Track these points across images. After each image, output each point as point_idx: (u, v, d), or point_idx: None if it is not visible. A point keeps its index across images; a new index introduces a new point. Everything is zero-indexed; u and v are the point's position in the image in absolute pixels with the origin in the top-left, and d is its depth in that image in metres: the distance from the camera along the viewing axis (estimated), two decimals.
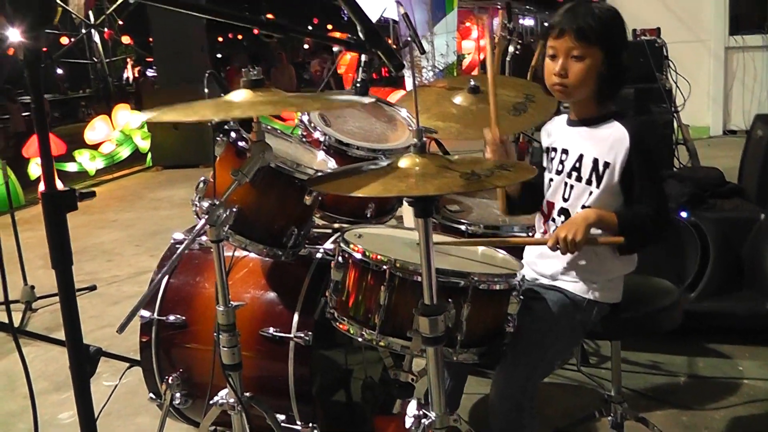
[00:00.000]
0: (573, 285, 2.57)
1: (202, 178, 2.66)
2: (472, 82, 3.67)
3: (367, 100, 2.34)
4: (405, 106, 3.58)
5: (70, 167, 11.57)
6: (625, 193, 2.50)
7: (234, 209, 2.34)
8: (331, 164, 2.92)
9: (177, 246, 3.11)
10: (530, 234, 2.94)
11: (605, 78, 2.50)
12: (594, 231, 2.44)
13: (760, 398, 3.60)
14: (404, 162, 2.02)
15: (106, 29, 25.30)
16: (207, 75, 2.44)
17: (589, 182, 2.53)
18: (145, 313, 2.99)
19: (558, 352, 2.69)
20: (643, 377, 3.84)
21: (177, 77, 12.35)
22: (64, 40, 24.29)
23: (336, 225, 3.20)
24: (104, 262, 6.98)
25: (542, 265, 2.66)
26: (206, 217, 2.21)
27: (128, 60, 29.64)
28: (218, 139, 2.66)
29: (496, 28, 5.35)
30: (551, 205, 2.66)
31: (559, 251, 2.42)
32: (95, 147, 12.25)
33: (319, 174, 2.55)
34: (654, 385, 3.78)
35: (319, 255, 2.91)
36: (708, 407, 3.54)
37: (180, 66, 12.53)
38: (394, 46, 3.65)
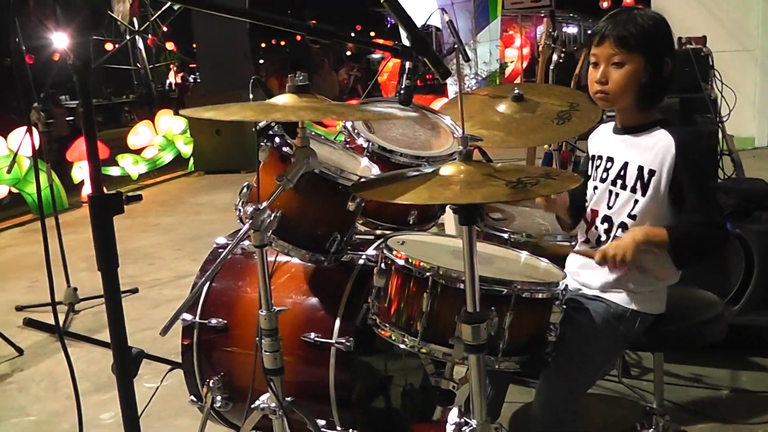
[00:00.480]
0: (616, 296, 2.55)
1: (246, 183, 2.67)
2: (517, 91, 3.66)
3: (410, 113, 2.32)
4: (449, 114, 3.58)
5: (113, 171, 11.72)
6: (674, 203, 2.47)
7: (277, 214, 2.36)
8: (375, 170, 2.93)
9: (220, 250, 3.13)
10: (573, 243, 2.92)
11: (647, 85, 2.49)
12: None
13: None
14: (449, 169, 2.02)
15: (149, 35, 25.61)
16: (252, 80, 2.45)
17: (633, 190, 2.51)
18: (187, 317, 3.01)
19: (601, 364, 2.67)
20: (685, 390, 3.79)
21: (220, 83, 12.45)
22: (108, 47, 24.64)
23: (378, 231, 3.21)
24: (146, 265, 7.05)
25: (585, 275, 2.64)
26: (250, 221, 2.22)
27: (171, 66, 29.96)
28: (262, 144, 2.67)
29: (540, 36, 5.32)
30: (595, 213, 2.64)
31: (606, 267, 2.42)
32: (138, 152, 12.39)
33: (364, 180, 2.56)
34: (696, 399, 3.72)
35: (361, 261, 2.91)
36: (751, 421, 3.49)
37: (223, 72, 12.62)
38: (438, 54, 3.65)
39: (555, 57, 5.88)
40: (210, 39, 13.03)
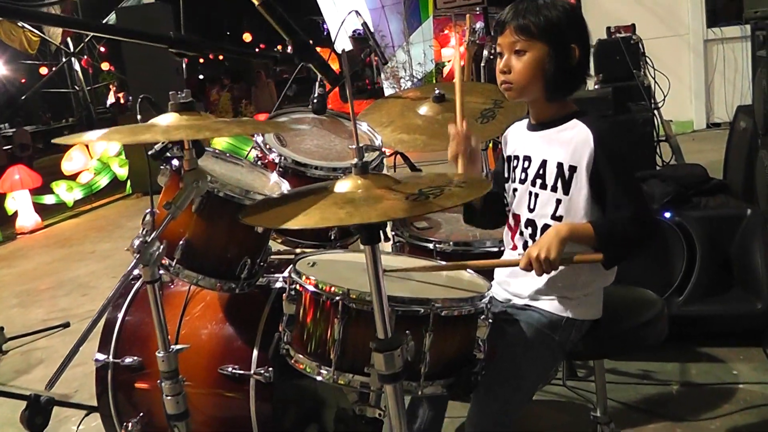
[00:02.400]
0: (548, 303, 2.39)
1: (149, 210, 2.49)
2: (437, 91, 3.50)
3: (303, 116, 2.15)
4: (367, 120, 3.41)
5: (48, 200, 11.34)
6: (597, 199, 2.33)
7: (181, 242, 2.16)
8: (285, 187, 2.75)
9: (132, 282, 2.94)
10: (502, 249, 2.77)
11: (553, 74, 2.33)
12: (570, 247, 2.26)
13: (757, 403, 3.42)
14: (345, 185, 1.84)
15: (84, 56, 25.17)
16: (140, 100, 2.27)
17: (554, 189, 2.35)
18: (100, 356, 2.83)
19: (536, 378, 2.48)
20: (634, 388, 3.65)
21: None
22: (44, 70, 24.18)
23: (298, 250, 3.03)
24: (79, 296, 6.78)
25: (515, 284, 2.48)
26: (138, 255, 2.03)
27: (111, 86, 29.48)
28: (162, 167, 2.48)
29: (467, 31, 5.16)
30: (517, 217, 2.48)
31: (534, 272, 2.24)
32: (73, 177, 12.05)
33: (251, 203, 2.33)
34: (645, 396, 3.59)
35: (278, 284, 2.74)
36: (703, 417, 3.36)
37: (156, 89, 12.20)
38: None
39: (486, 53, 5.75)
40: (139, 57, 12.67)
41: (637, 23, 6.69)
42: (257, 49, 2.05)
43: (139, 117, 2.26)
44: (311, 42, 1.91)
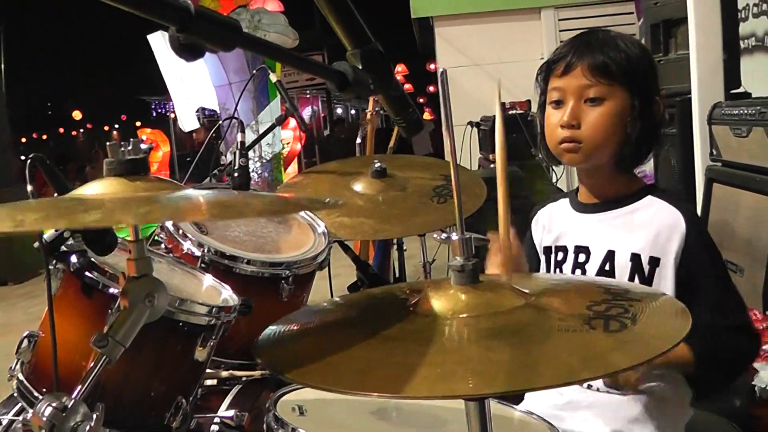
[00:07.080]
0: None
1: (27, 333, 1.67)
2: (377, 164, 2.80)
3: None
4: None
5: None
6: (682, 299, 1.69)
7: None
8: (227, 294, 1.93)
9: None
10: None
11: (633, 134, 1.72)
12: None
13: None
14: (440, 303, 1.07)
15: None
16: (29, 161, 1.46)
17: None
18: None
19: None
20: None
21: None
22: None
23: (224, 373, 2.23)
24: None
25: (574, 421, 1.75)
26: None
27: None
28: (51, 267, 1.66)
29: (368, 104, 4.49)
30: None
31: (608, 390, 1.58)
32: None
33: (272, 335, 1.20)
34: None
35: (215, 427, 1.93)
36: None
37: None
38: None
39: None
40: None
41: (529, 99, 6.27)
42: (312, 57, 1.15)
43: (29, 188, 1.45)
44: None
